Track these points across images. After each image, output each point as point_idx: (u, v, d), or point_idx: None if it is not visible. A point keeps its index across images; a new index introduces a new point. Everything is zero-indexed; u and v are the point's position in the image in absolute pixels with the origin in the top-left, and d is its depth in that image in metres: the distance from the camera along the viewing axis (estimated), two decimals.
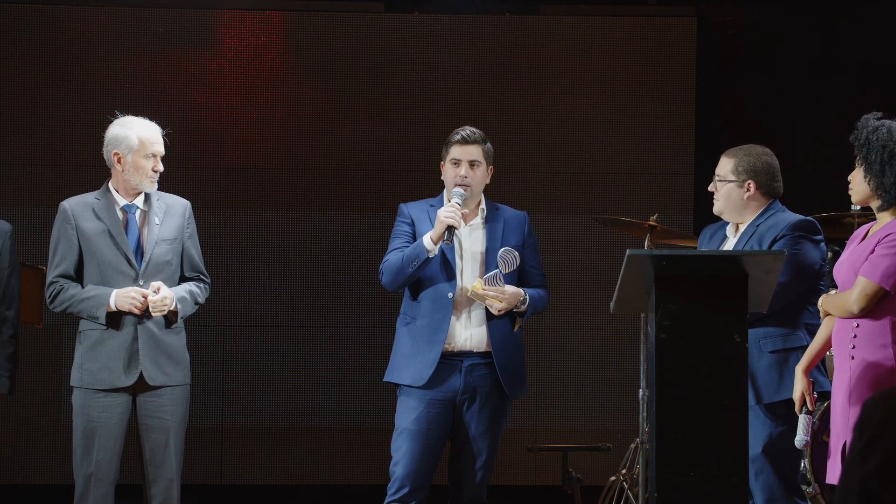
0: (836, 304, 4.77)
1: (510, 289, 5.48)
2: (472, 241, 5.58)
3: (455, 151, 5.57)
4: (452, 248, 5.51)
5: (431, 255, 5.46)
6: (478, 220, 5.61)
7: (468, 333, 5.49)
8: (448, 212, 5.42)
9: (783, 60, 8.33)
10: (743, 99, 8.39)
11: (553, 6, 8.34)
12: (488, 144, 5.62)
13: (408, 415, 5.49)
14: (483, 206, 5.63)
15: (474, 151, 5.57)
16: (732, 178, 5.32)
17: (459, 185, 5.52)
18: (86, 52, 8.13)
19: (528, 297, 5.52)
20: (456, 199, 5.48)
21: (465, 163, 5.55)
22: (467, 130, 5.59)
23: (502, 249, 5.52)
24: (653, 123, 8.27)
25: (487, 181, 5.63)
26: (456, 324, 5.49)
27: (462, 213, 5.50)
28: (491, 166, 5.63)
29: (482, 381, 5.49)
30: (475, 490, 5.52)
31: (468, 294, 5.46)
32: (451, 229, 5.40)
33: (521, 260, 5.60)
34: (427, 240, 5.44)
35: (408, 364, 5.52)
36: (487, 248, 5.55)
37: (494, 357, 5.48)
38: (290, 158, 8.23)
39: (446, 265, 5.50)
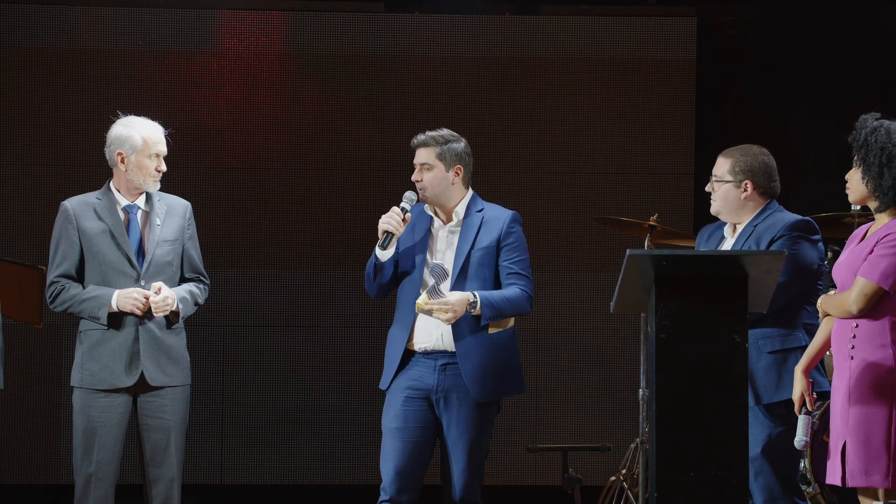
0: (835, 305, 4.77)
1: (453, 296, 5.40)
2: (447, 242, 5.55)
3: (415, 156, 5.60)
4: (425, 251, 5.51)
5: (380, 261, 5.49)
6: (455, 223, 5.59)
7: (439, 333, 5.48)
8: (386, 217, 5.46)
9: (783, 60, 8.33)
10: (743, 99, 8.39)
11: (553, 6, 8.34)
12: (448, 145, 5.55)
13: (387, 414, 5.51)
14: (460, 207, 5.59)
15: (424, 154, 5.56)
16: (729, 178, 5.32)
17: (414, 190, 5.56)
18: (86, 52, 8.13)
19: (478, 299, 5.42)
20: (403, 204, 5.50)
21: (417, 166, 5.57)
22: (419, 135, 5.60)
23: (431, 264, 5.50)
24: (653, 123, 8.28)
25: (455, 181, 5.56)
26: (427, 324, 5.48)
27: (441, 215, 5.54)
28: (458, 166, 5.56)
29: (456, 381, 5.46)
30: (464, 491, 5.49)
31: (417, 311, 5.46)
32: (389, 234, 5.43)
33: (496, 258, 5.56)
34: (377, 246, 5.49)
35: (385, 367, 5.57)
36: (457, 251, 5.54)
37: (458, 358, 5.45)
38: (290, 158, 8.24)
39: (418, 268, 5.52)
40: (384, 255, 5.49)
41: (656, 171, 8.28)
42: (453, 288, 5.46)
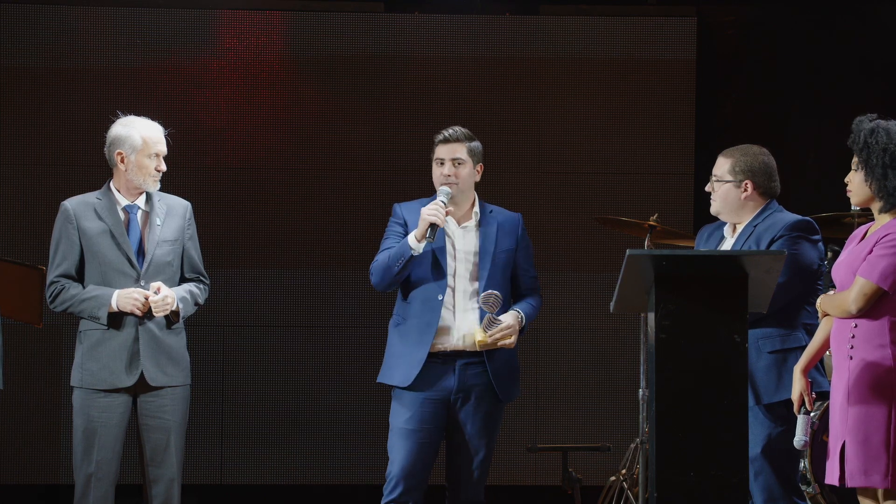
0: (835, 305, 4.77)
1: (509, 318, 5.51)
2: (465, 242, 5.56)
3: (439, 151, 5.58)
4: (444, 250, 5.51)
5: (416, 254, 5.45)
6: (472, 222, 5.59)
7: (461, 334, 5.49)
8: (431, 209, 5.42)
9: (783, 60, 8.33)
10: (743, 99, 8.39)
11: (553, 6, 8.34)
12: (475, 142, 5.59)
13: (401, 414, 5.50)
14: (477, 207, 5.62)
15: (457, 150, 5.55)
16: (729, 178, 5.32)
17: (445, 184, 5.53)
18: (86, 52, 8.14)
19: (524, 316, 5.58)
20: (441, 198, 5.48)
21: (448, 161, 5.55)
22: (450, 129, 5.59)
23: (482, 294, 5.48)
24: (653, 123, 8.28)
25: (477, 179, 5.61)
26: (449, 324, 5.49)
27: (456, 214, 5.53)
28: (480, 164, 5.61)
29: (476, 381, 5.48)
30: (472, 490, 5.52)
31: (478, 348, 5.47)
32: (434, 227, 5.41)
33: (515, 263, 5.60)
34: (412, 238, 5.45)
35: (396, 365, 5.53)
36: (480, 251, 5.54)
37: (486, 360, 5.48)
38: (290, 158, 8.24)
39: (438, 266, 5.51)
40: (420, 247, 5.47)
41: (656, 171, 8.28)
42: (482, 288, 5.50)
